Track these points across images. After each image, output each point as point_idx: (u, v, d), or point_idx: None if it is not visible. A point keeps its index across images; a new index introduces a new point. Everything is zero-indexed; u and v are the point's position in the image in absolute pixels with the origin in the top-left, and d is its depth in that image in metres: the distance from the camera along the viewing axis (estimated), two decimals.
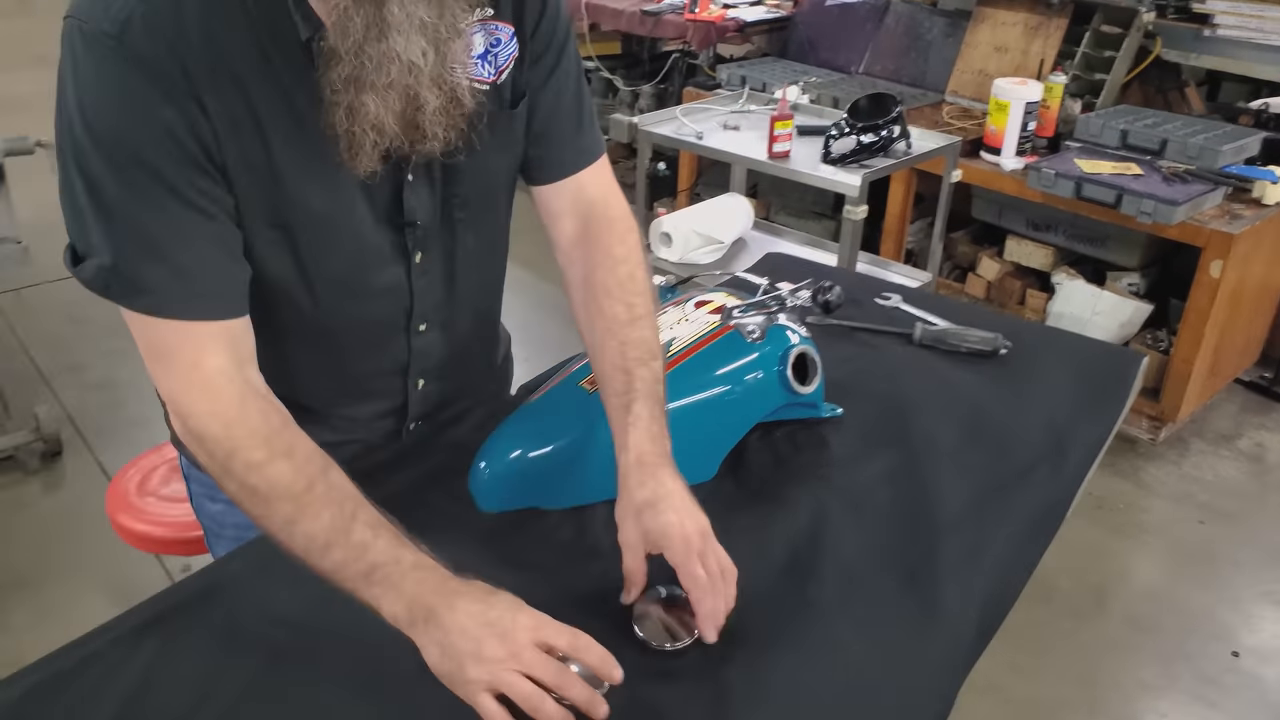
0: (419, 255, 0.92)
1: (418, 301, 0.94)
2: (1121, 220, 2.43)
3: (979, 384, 1.20)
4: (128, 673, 0.77)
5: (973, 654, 0.85)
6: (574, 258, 0.98)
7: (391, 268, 0.91)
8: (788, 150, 2.12)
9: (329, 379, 0.97)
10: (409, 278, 0.93)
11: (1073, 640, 1.98)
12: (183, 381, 0.79)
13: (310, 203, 0.83)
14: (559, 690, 0.71)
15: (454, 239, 0.94)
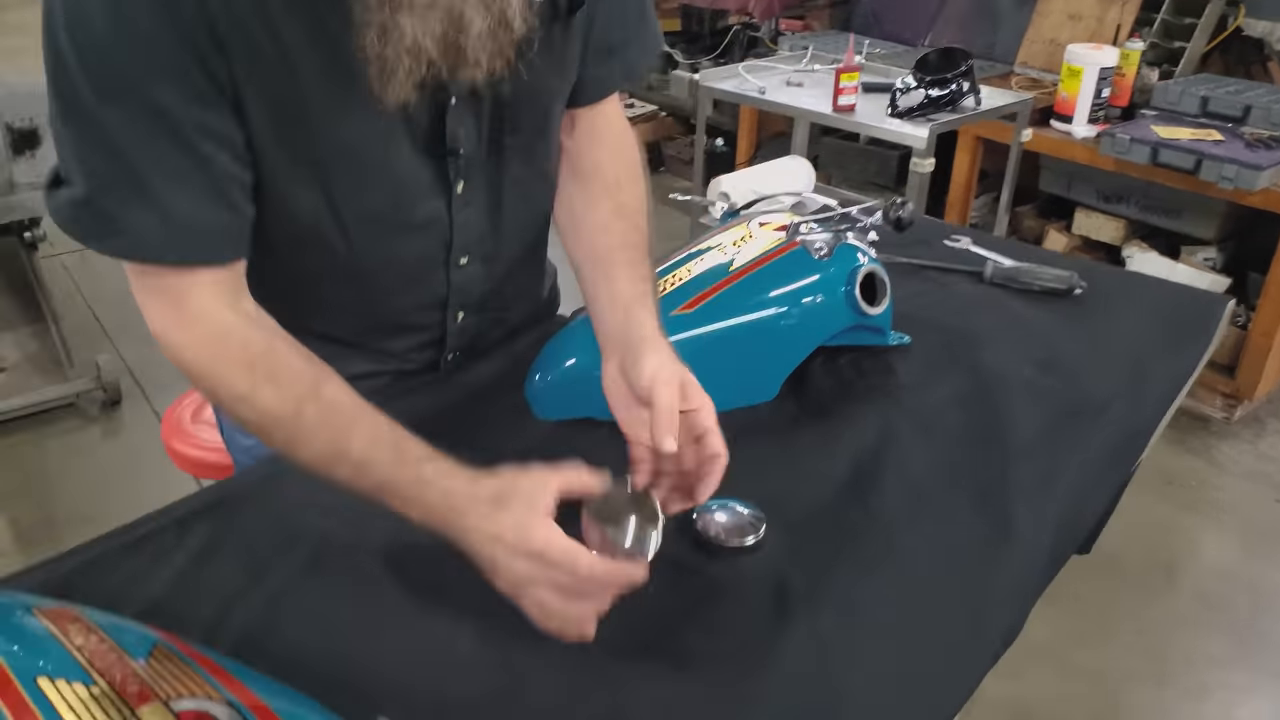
0: (461, 186, 0.86)
1: (458, 234, 0.89)
2: (1200, 188, 2.33)
3: (1053, 321, 1.16)
4: (178, 555, 0.77)
5: (1044, 578, 0.81)
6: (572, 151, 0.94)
7: (431, 200, 0.85)
8: (853, 104, 2.07)
9: (363, 315, 0.93)
10: (449, 210, 0.87)
11: (1140, 614, 1.91)
12: (164, 318, 0.74)
13: (343, 136, 0.77)
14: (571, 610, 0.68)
15: (500, 168, 0.88)
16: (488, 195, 0.89)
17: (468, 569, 0.74)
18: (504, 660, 0.68)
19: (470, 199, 0.87)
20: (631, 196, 0.90)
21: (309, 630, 0.70)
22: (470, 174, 0.86)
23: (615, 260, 0.86)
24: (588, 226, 0.90)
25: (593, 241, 0.88)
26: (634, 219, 0.89)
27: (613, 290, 0.84)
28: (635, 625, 0.70)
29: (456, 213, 0.87)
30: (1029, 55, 3.02)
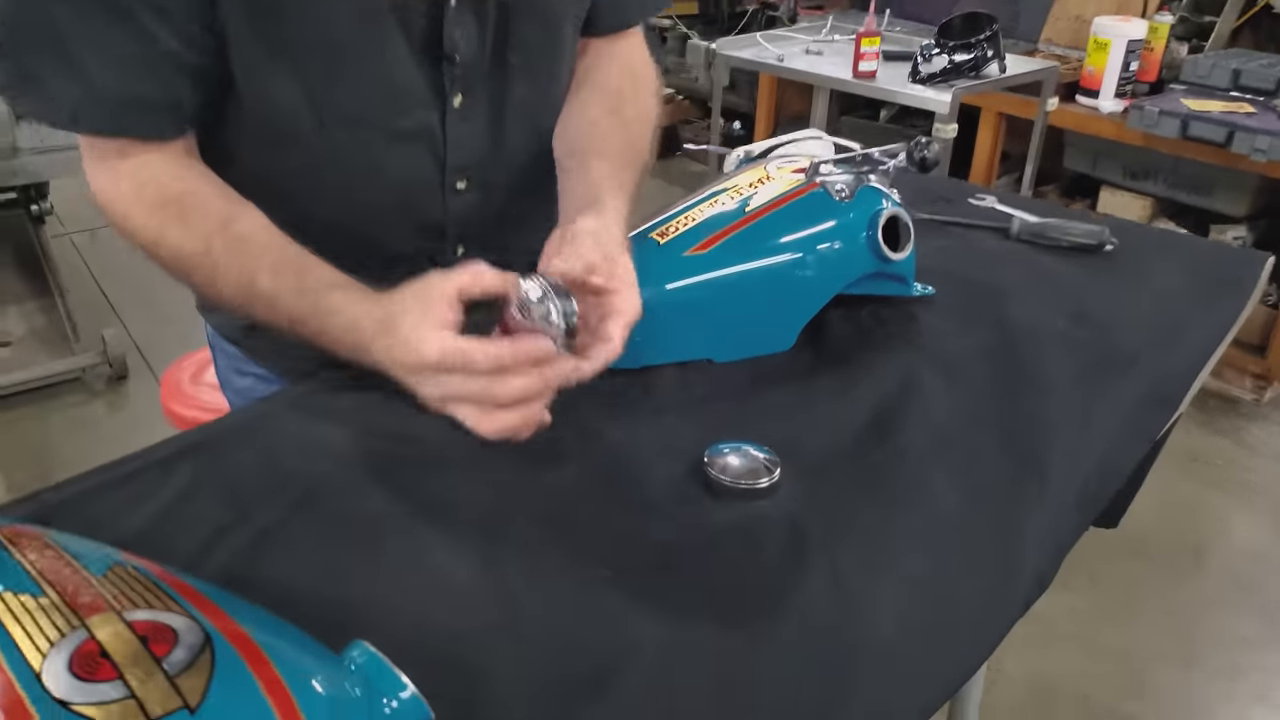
0: (459, 98, 0.81)
1: (453, 152, 0.84)
2: (1231, 161, 2.27)
3: (1084, 275, 1.10)
4: (164, 490, 0.73)
5: (1079, 525, 0.76)
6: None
7: (422, 109, 0.80)
8: (874, 70, 2.02)
9: (354, 240, 0.86)
10: (443, 123, 0.82)
11: (1168, 594, 1.86)
12: (95, 167, 0.75)
13: (325, 25, 0.73)
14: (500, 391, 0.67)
15: (504, 85, 0.83)
16: (489, 112, 0.84)
17: (467, 504, 0.71)
18: (502, 599, 0.63)
19: (468, 115, 0.82)
20: (634, 108, 0.86)
21: (297, 566, 0.66)
22: (470, 87, 0.81)
23: (597, 152, 0.81)
24: (574, 122, 0.85)
25: (577, 135, 0.83)
26: (631, 126, 0.84)
27: (587, 176, 0.80)
28: (640, 565, 0.66)
29: (451, 127, 0.82)
30: (1054, 32, 2.96)
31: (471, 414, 0.67)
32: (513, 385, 0.66)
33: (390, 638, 0.59)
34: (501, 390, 0.66)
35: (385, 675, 0.45)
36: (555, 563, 0.66)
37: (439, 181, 0.84)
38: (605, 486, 0.73)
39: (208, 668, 0.39)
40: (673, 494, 0.73)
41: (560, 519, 0.70)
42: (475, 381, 0.66)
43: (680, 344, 0.90)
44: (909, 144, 0.98)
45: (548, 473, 0.75)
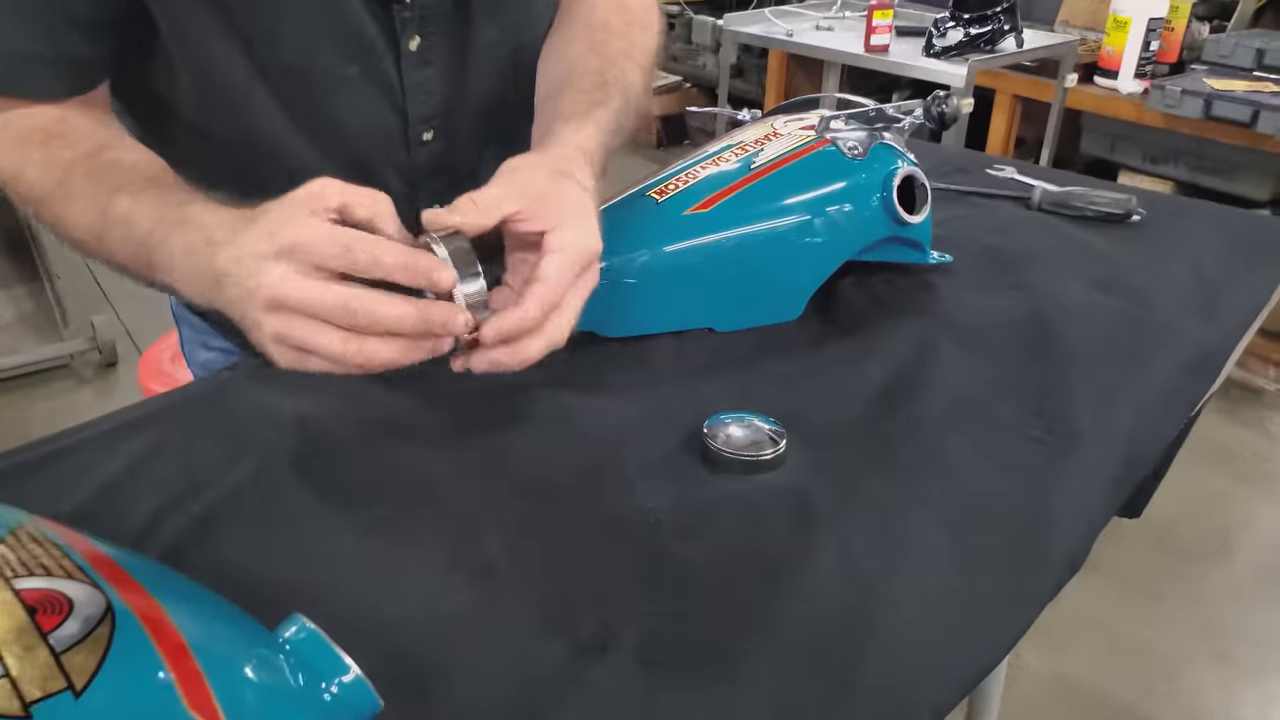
0: (415, 40, 0.74)
1: (413, 100, 0.77)
2: (1256, 143, 2.20)
3: (1110, 244, 1.04)
4: (111, 462, 0.67)
5: (1115, 493, 0.69)
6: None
7: (371, 55, 0.73)
8: (886, 44, 1.95)
9: None
10: (399, 67, 0.74)
11: (1194, 587, 1.79)
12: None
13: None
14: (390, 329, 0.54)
15: (467, 25, 0.76)
16: (450, 57, 0.76)
17: (440, 476, 0.65)
18: (474, 579, 0.57)
19: (428, 57, 0.75)
20: (620, 43, 0.77)
21: (249, 541, 0.60)
22: (427, 28, 0.74)
23: (569, 88, 0.72)
24: (553, 64, 0.77)
25: (553, 78, 0.75)
26: (615, 61, 0.75)
27: (549, 110, 0.71)
28: (628, 543, 0.60)
29: (408, 73, 0.75)
30: (1070, 13, 2.88)
31: (330, 339, 0.53)
32: (391, 303, 0.53)
33: (346, 620, 0.52)
34: (378, 306, 0.53)
35: (326, 656, 0.39)
36: (536, 539, 0.60)
37: (401, 132, 0.78)
38: (592, 457, 0.67)
39: (103, 644, 0.33)
40: (668, 466, 0.67)
41: (542, 492, 0.64)
42: (331, 299, 0.52)
43: (678, 311, 0.84)
44: (926, 99, 0.92)
45: (529, 443, 0.69)
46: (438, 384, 0.73)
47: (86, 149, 0.65)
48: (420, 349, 0.55)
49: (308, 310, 0.53)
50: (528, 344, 0.59)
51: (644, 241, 0.82)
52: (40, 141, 0.65)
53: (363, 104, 0.75)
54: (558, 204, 0.60)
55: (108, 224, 0.61)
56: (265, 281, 0.53)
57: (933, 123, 0.90)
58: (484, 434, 0.70)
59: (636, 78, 0.76)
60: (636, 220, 0.84)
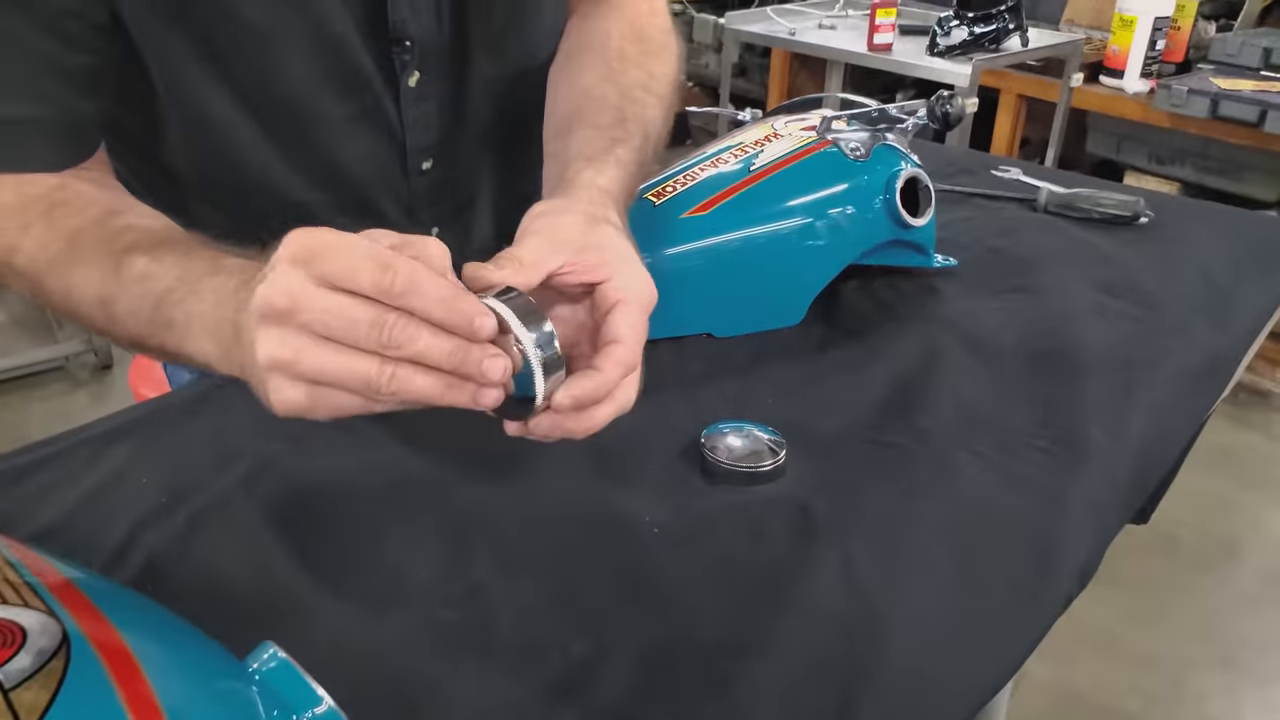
0: (414, 77, 0.71)
1: (412, 133, 0.75)
2: (1263, 142, 2.17)
3: (1118, 246, 1.02)
4: (90, 473, 0.65)
5: (1125, 509, 0.67)
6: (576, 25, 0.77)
7: (370, 93, 0.71)
8: (890, 43, 1.93)
9: None
10: (398, 106, 0.72)
11: (1201, 594, 1.77)
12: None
13: (243, 12, 0.63)
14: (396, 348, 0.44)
15: (466, 62, 0.74)
16: (448, 89, 0.74)
17: (431, 486, 0.63)
18: (466, 595, 0.55)
19: (427, 92, 0.73)
20: (637, 73, 0.72)
21: (233, 554, 0.58)
22: (427, 65, 0.72)
23: (584, 123, 0.67)
24: (563, 97, 0.72)
25: (565, 113, 0.70)
26: (632, 94, 0.70)
27: (563, 154, 0.64)
28: (623, 557, 0.58)
29: (407, 109, 0.73)
30: (1075, 12, 2.85)
31: (358, 361, 0.44)
32: (429, 326, 0.44)
33: (328, 643, 0.51)
34: (415, 325, 0.44)
35: (297, 686, 0.37)
36: (528, 554, 0.58)
37: (400, 164, 0.76)
38: (587, 468, 0.65)
39: (56, 678, 0.31)
40: (665, 477, 0.65)
41: (534, 505, 0.62)
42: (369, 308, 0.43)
43: (676, 317, 0.82)
44: (930, 99, 0.90)
45: (522, 454, 0.67)
46: None
47: (94, 215, 0.59)
48: (460, 391, 0.46)
49: (328, 321, 0.43)
50: (598, 410, 0.52)
51: (641, 245, 0.79)
52: (41, 212, 0.59)
53: (361, 141, 0.73)
54: (608, 253, 0.54)
55: (121, 285, 0.55)
56: (272, 291, 0.44)
57: (936, 123, 0.88)
58: (476, 444, 0.67)
59: (656, 112, 0.71)
60: (633, 223, 0.81)
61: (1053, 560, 0.59)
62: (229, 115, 0.68)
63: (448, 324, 0.44)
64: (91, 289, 0.56)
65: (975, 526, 0.60)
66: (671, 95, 0.75)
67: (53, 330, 2.26)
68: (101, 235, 0.57)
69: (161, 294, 0.53)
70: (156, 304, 0.53)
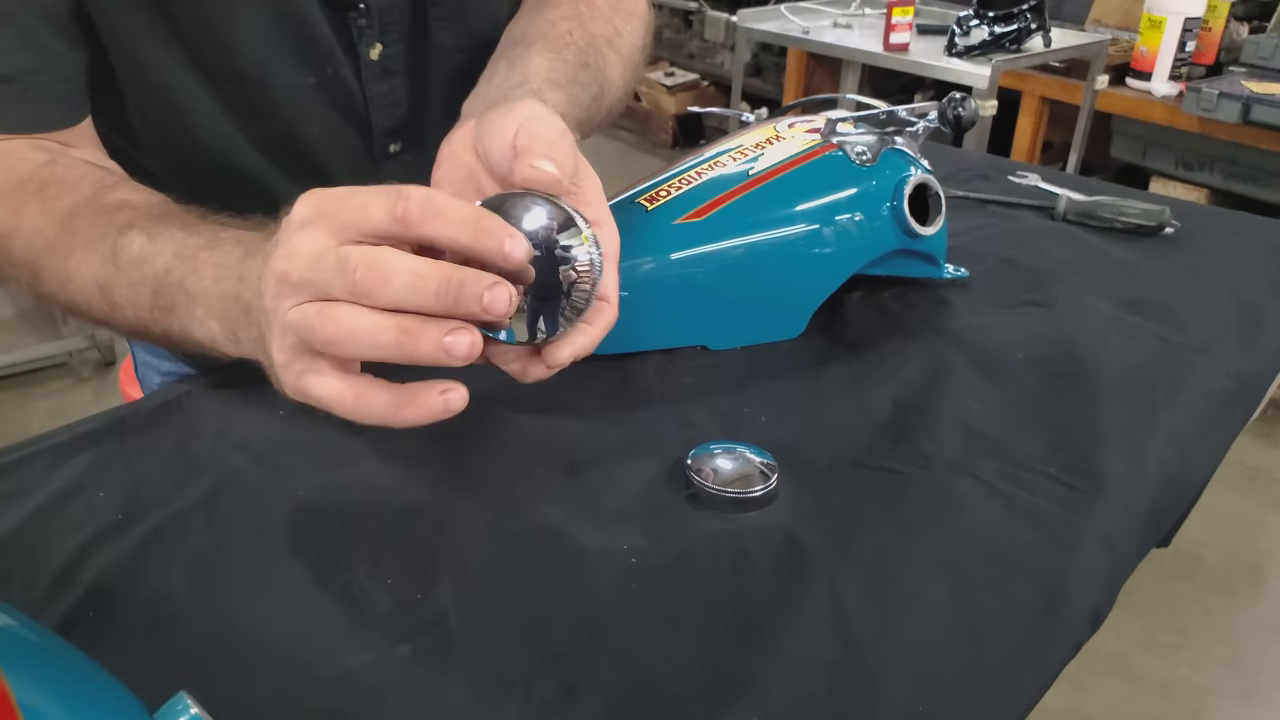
0: (376, 49, 0.68)
1: (377, 112, 0.72)
2: None
3: (1141, 259, 0.97)
4: (49, 483, 0.62)
5: (1142, 545, 0.62)
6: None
7: (328, 64, 0.68)
8: (906, 42, 1.88)
9: None
10: (359, 78, 0.69)
11: (1223, 620, 1.70)
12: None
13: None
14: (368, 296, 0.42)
15: (425, 34, 0.71)
16: (412, 65, 0.71)
17: (395, 507, 0.59)
18: (422, 631, 0.51)
19: (391, 66, 0.70)
20: (603, 26, 0.70)
21: (182, 577, 0.54)
22: (388, 35, 0.69)
23: (548, 49, 0.64)
24: (522, 24, 0.69)
25: (521, 32, 0.67)
26: (596, 42, 0.68)
27: (525, 58, 0.61)
28: (596, 586, 0.54)
29: (371, 84, 0.70)
30: (1102, 12, 2.79)
31: (358, 324, 0.42)
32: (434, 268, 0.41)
33: (274, 680, 0.48)
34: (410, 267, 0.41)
35: None
36: (494, 583, 0.54)
37: (365, 145, 0.73)
38: (564, 488, 0.61)
39: None
40: (647, 501, 0.61)
41: (504, 529, 0.58)
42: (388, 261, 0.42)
43: (669, 328, 0.78)
44: (942, 102, 0.85)
45: (495, 473, 0.63)
46: None
47: (86, 192, 0.58)
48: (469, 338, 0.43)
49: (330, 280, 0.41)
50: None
51: (631, 252, 0.76)
52: (33, 191, 0.58)
53: (321, 115, 0.70)
54: (594, 191, 0.54)
55: (119, 270, 0.54)
56: (280, 251, 0.42)
57: (948, 127, 0.83)
58: (447, 461, 0.64)
59: (616, 71, 0.69)
60: (624, 229, 0.77)
61: (1061, 601, 0.54)
62: (184, 85, 0.65)
63: (476, 248, 0.42)
64: (90, 275, 0.55)
65: (976, 562, 0.56)
66: (636, 59, 0.72)
67: (57, 326, 2.25)
68: (95, 215, 0.56)
69: (160, 275, 0.52)
70: (156, 288, 0.52)
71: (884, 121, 0.86)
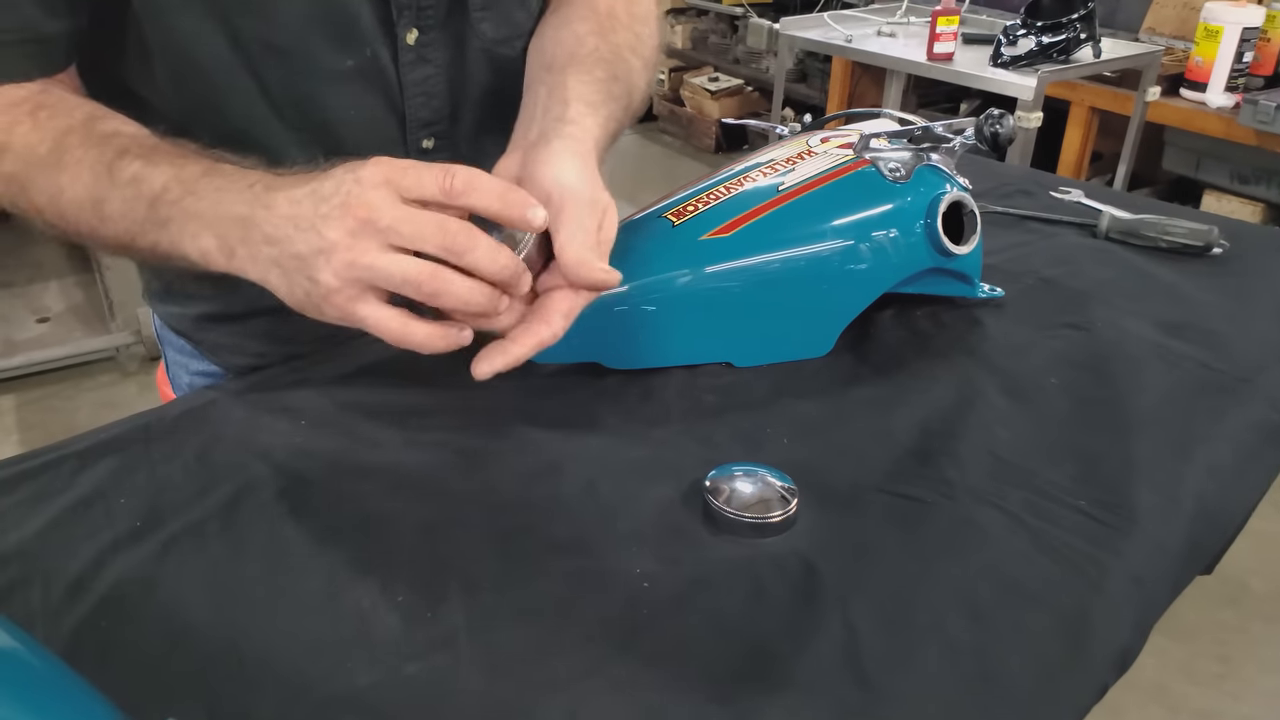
0: (414, 35, 0.69)
1: (412, 100, 0.72)
2: None
3: (1186, 281, 0.94)
4: (73, 489, 0.62)
5: (1174, 587, 0.60)
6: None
7: (367, 46, 0.69)
8: (951, 52, 1.85)
9: None
10: (396, 65, 0.70)
11: (1267, 648, 1.65)
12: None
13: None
14: (456, 255, 0.53)
15: (463, 21, 0.72)
16: (448, 56, 0.72)
17: (408, 528, 0.59)
18: (430, 650, 0.51)
19: (427, 54, 0.70)
20: (626, 35, 0.72)
21: (197, 587, 0.55)
22: (425, 21, 0.69)
23: (579, 68, 0.67)
24: (552, 36, 0.71)
25: (556, 50, 0.70)
26: (621, 54, 0.70)
27: (561, 83, 0.66)
28: (607, 610, 0.53)
29: (406, 70, 0.70)
30: (1157, 21, 2.72)
31: (418, 271, 0.52)
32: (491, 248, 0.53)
33: (277, 699, 0.48)
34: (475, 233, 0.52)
35: None
36: (504, 604, 0.54)
37: (399, 136, 0.72)
38: (578, 510, 0.61)
39: None
40: (663, 523, 0.60)
41: (518, 548, 0.58)
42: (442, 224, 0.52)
43: (693, 344, 0.77)
44: (979, 117, 0.83)
45: (511, 489, 0.63)
46: (431, 417, 0.68)
47: (81, 117, 0.61)
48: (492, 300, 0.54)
49: (400, 229, 0.51)
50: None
51: (656, 267, 0.75)
52: (27, 112, 0.60)
53: (356, 100, 0.71)
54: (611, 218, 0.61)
55: (114, 186, 0.57)
56: (359, 201, 0.51)
57: (985, 144, 0.81)
58: (465, 476, 0.64)
59: (639, 77, 0.72)
60: (649, 244, 0.77)
61: (1086, 642, 0.53)
62: (222, 60, 0.66)
63: (504, 214, 0.53)
64: (82, 188, 0.58)
65: (998, 598, 0.54)
66: (655, 58, 0.77)
67: (105, 321, 2.29)
68: (89, 137, 0.60)
69: (158, 193, 0.56)
70: (152, 203, 0.56)
71: (919, 137, 0.84)
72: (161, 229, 0.57)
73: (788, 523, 0.60)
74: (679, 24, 4.16)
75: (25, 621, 0.52)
